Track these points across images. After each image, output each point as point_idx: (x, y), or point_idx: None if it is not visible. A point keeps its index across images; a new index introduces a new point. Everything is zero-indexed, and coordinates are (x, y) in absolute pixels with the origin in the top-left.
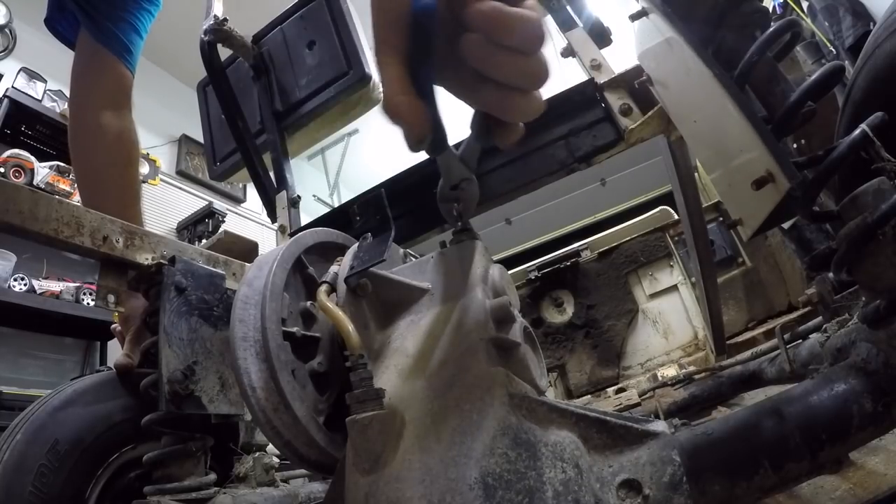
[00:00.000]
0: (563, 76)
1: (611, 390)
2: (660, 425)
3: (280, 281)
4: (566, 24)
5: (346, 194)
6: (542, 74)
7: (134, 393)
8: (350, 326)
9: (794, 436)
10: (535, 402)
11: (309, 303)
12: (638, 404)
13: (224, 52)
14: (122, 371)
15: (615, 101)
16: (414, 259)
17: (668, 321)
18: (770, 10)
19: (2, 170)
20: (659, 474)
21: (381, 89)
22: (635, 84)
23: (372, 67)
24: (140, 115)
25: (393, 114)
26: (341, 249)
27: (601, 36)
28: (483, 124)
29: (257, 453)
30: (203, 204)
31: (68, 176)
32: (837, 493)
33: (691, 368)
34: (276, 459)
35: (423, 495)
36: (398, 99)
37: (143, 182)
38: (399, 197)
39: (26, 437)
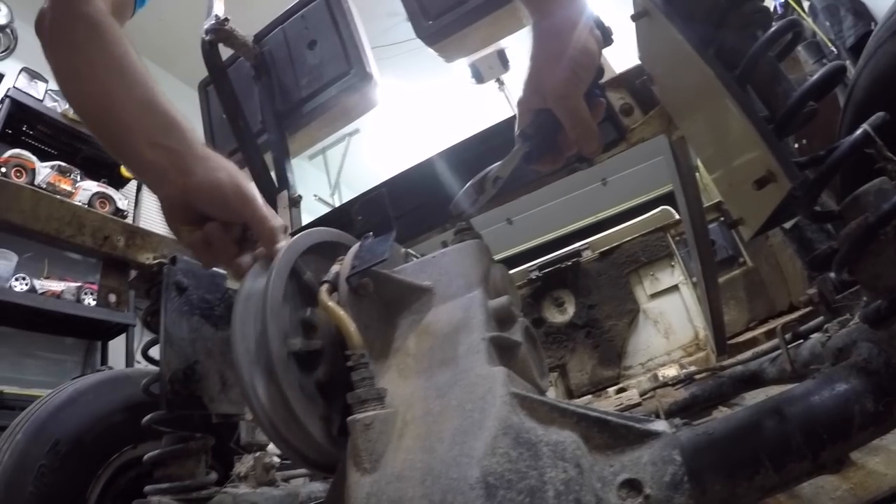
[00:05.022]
0: None
1: (612, 390)
2: (661, 425)
3: (279, 295)
4: None
5: (348, 194)
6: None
7: None
8: (352, 326)
9: (795, 436)
10: (536, 402)
11: (308, 311)
12: (639, 404)
13: (225, 52)
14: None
15: (616, 100)
16: (415, 259)
17: (670, 321)
18: (771, 9)
19: (3, 170)
20: (660, 474)
21: None
22: (636, 83)
23: (374, 67)
24: None
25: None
26: (343, 249)
27: (602, 36)
28: (532, 154)
29: (258, 453)
30: None
31: (69, 176)
32: (838, 493)
33: (692, 368)
34: (276, 459)
35: (425, 495)
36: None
37: None
38: (400, 197)
39: (27, 437)
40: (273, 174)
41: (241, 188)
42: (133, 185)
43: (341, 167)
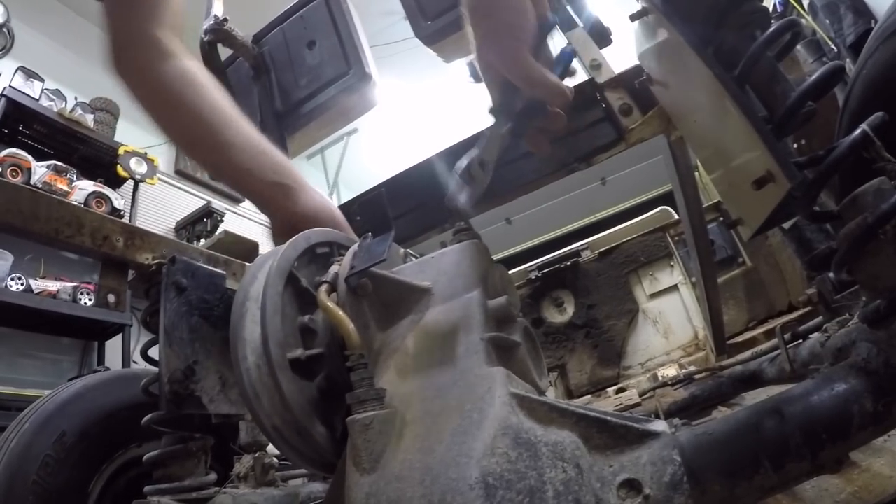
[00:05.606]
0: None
1: (611, 390)
2: (660, 425)
3: (277, 297)
4: (566, 24)
5: (346, 194)
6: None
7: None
8: (350, 326)
9: (794, 436)
10: (535, 402)
11: (307, 317)
12: (638, 404)
13: (224, 52)
14: None
15: (615, 100)
16: (414, 259)
17: (669, 321)
18: (770, 8)
19: None
20: (659, 474)
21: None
22: (635, 84)
23: (373, 67)
24: (136, 115)
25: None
26: (341, 249)
27: (601, 36)
28: (524, 123)
29: (257, 453)
30: (201, 203)
31: (65, 175)
32: (842, 496)
33: (692, 368)
34: (275, 459)
35: (424, 495)
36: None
37: (141, 181)
38: (399, 197)
39: (34, 427)
40: None
41: (334, 214)
42: (129, 184)
43: (339, 167)
